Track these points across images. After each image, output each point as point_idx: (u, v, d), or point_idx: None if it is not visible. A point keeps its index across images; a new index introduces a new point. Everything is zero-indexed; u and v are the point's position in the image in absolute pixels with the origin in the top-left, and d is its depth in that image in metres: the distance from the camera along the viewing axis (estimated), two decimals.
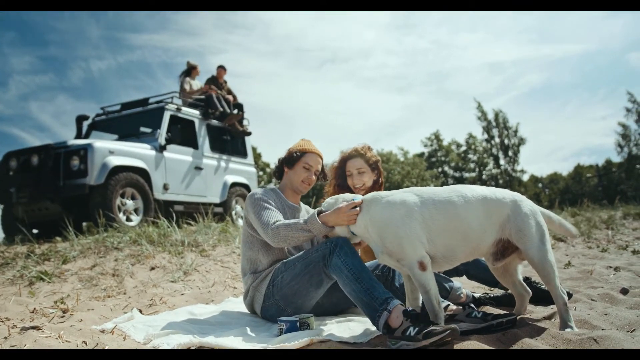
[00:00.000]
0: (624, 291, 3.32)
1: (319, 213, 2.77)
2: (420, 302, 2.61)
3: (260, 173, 39.22)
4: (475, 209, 2.54)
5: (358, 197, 2.72)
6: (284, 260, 2.99)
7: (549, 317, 2.82)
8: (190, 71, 10.28)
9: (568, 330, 2.41)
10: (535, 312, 3.00)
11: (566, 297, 2.55)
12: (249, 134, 10.50)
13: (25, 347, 2.25)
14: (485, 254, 2.69)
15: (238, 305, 3.59)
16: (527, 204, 2.64)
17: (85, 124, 9.36)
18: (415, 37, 67.01)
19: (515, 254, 2.71)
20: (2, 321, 2.95)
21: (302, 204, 3.43)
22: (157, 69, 66.42)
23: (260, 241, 3.08)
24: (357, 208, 2.65)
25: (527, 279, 3.13)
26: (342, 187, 3.72)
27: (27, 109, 57.36)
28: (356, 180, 3.66)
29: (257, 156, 37.44)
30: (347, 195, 2.79)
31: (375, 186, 3.73)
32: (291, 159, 3.26)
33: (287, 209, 3.20)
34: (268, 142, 75.11)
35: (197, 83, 10.32)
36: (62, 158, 7.32)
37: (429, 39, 67.10)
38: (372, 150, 3.78)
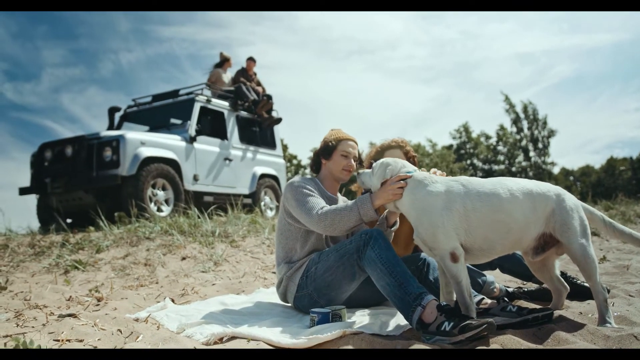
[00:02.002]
0: None
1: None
2: (455, 296, 2.58)
3: (288, 164, 39.32)
4: (521, 202, 2.51)
5: (410, 168, 2.72)
6: (319, 252, 2.97)
7: (586, 313, 2.76)
8: (223, 63, 10.33)
9: (607, 326, 2.36)
10: (572, 307, 2.94)
11: (606, 293, 2.50)
12: (280, 120, 10.49)
13: (63, 335, 2.29)
14: (526, 247, 2.65)
15: (269, 295, 3.61)
16: (571, 198, 2.63)
17: (117, 115, 9.49)
18: (443, 28, 66.00)
19: (554, 249, 2.67)
20: (40, 308, 3.03)
21: (339, 195, 3.42)
22: (185, 61, 66.93)
23: (297, 230, 3.06)
24: (404, 182, 2.64)
25: (562, 274, 3.07)
26: None
27: (59, 101, 58.42)
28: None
29: (284, 148, 37.52)
30: (399, 162, 2.77)
31: None
32: (327, 149, 3.23)
33: (326, 200, 3.17)
34: (294, 133, 75.17)
35: (229, 75, 10.36)
36: (95, 149, 7.43)
37: (456, 29, 66.01)
38: (409, 145, 3.74)
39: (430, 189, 2.54)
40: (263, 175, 9.89)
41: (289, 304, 3.17)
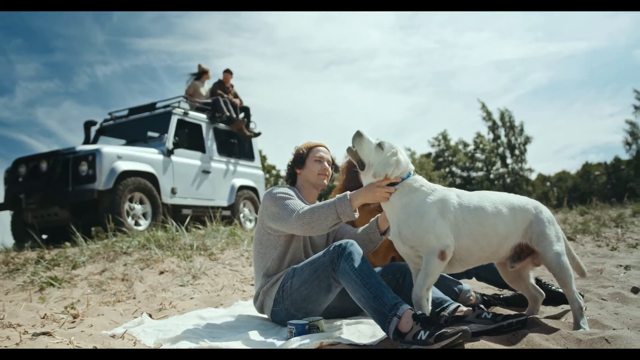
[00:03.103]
0: (635, 290, 3.30)
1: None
2: (430, 305, 2.60)
3: (267, 176, 39.23)
4: (504, 216, 2.60)
5: (411, 169, 2.68)
6: (294, 266, 2.95)
7: (559, 317, 2.81)
8: (201, 75, 10.30)
9: (580, 330, 2.41)
10: (546, 312, 2.99)
11: (582, 301, 2.57)
12: (259, 134, 10.53)
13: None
14: (501, 258, 2.73)
15: (247, 308, 3.60)
16: (547, 211, 2.75)
17: (93, 129, 9.40)
18: (420, 37, 66.79)
19: (530, 259, 2.75)
20: (14, 327, 2.98)
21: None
22: (162, 74, 66.60)
23: (276, 238, 3.04)
24: (394, 186, 2.60)
25: (537, 280, 3.12)
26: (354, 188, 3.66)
27: (33, 115, 57.61)
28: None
29: (262, 159, 37.46)
30: (405, 160, 2.66)
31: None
32: (300, 158, 3.24)
33: None
34: (274, 144, 75.06)
35: (206, 87, 10.34)
36: (70, 164, 7.36)
37: (434, 39, 66.85)
38: None
39: (428, 197, 2.57)
40: (242, 187, 9.88)
41: (266, 316, 3.16)
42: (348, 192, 2.73)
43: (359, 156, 2.71)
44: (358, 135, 2.72)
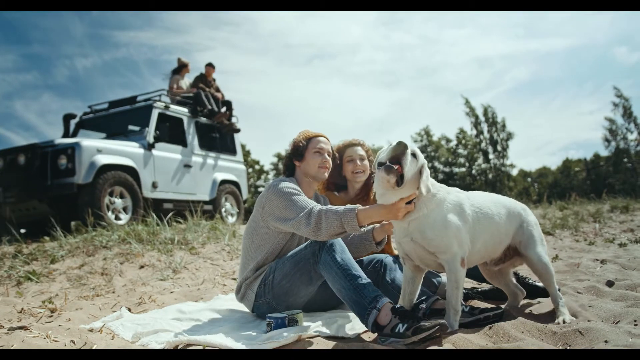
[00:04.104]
0: (610, 284, 3.35)
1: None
2: (414, 302, 2.64)
3: (250, 170, 39.07)
4: (503, 218, 2.67)
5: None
6: (277, 260, 2.92)
7: (535, 310, 2.85)
8: (181, 69, 10.22)
9: (559, 322, 2.46)
10: (522, 305, 3.03)
11: (563, 299, 2.64)
12: (238, 130, 10.47)
13: (13, 347, 2.23)
14: (494, 258, 2.79)
15: (227, 302, 3.59)
16: (532, 213, 2.83)
17: (73, 122, 9.29)
18: (402, 33, 67.14)
19: (512, 261, 2.83)
20: None
21: (319, 196, 3.37)
22: (143, 67, 66.06)
23: (273, 237, 2.95)
24: (412, 205, 2.44)
25: (515, 275, 3.16)
26: (336, 183, 3.65)
27: (11, 108, 56.85)
28: (359, 166, 3.53)
29: (246, 154, 37.31)
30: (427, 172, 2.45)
31: (369, 179, 3.66)
32: (298, 150, 3.11)
33: None
34: (257, 139, 74.96)
35: (187, 81, 10.27)
36: (49, 157, 7.26)
37: (416, 35, 67.25)
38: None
39: (446, 204, 2.50)
40: (223, 182, 9.84)
41: (248, 310, 3.15)
42: (357, 207, 2.55)
43: (403, 171, 2.33)
44: (405, 148, 2.36)
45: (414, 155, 2.39)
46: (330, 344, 2.27)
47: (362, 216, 2.51)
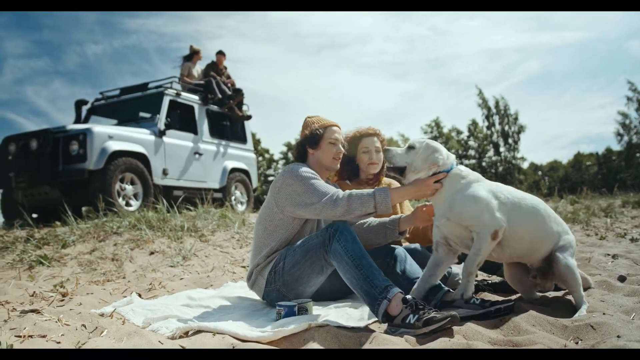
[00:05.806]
0: (622, 278, 3.32)
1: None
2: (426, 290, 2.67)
3: (260, 159, 39.13)
4: (551, 217, 2.74)
5: (452, 159, 2.75)
6: (287, 247, 2.92)
7: (546, 304, 2.83)
8: (192, 56, 10.23)
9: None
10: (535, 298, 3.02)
11: (587, 304, 2.60)
12: (249, 117, 10.47)
13: (25, 331, 2.25)
14: (534, 261, 2.78)
15: (237, 289, 3.60)
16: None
17: (84, 108, 9.33)
18: (413, 24, 66.63)
19: (546, 280, 2.81)
20: (2, 304, 2.97)
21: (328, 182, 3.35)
22: (153, 54, 66.08)
23: (287, 223, 2.95)
24: (440, 183, 2.66)
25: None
26: (349, 171, 3.64)
27: (22, 94, 57.17)
28: (375, 157, 3.54)
29: (256, 142, 37.35)
30: (444, 150, 2.75)
31: (382, 170, 3.65)
32: (314, 138, 3.06)
33: None
34: (266, 128, 74.93)
35: (198, 68, 10.26)
36: (61, 142, 7.31)
37: (426, 26, 66.72)
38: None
39: (477, 182, 2.65)
40: (234, 170, 9.86)
41: (258, 298, 3.16)
42: (389, 187, 2.74)
43: (396, 164, 2.76)
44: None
45: (412, 147, 2.73)
46: (339, 333, 2.27)
47: (395, 195, 2.70)
